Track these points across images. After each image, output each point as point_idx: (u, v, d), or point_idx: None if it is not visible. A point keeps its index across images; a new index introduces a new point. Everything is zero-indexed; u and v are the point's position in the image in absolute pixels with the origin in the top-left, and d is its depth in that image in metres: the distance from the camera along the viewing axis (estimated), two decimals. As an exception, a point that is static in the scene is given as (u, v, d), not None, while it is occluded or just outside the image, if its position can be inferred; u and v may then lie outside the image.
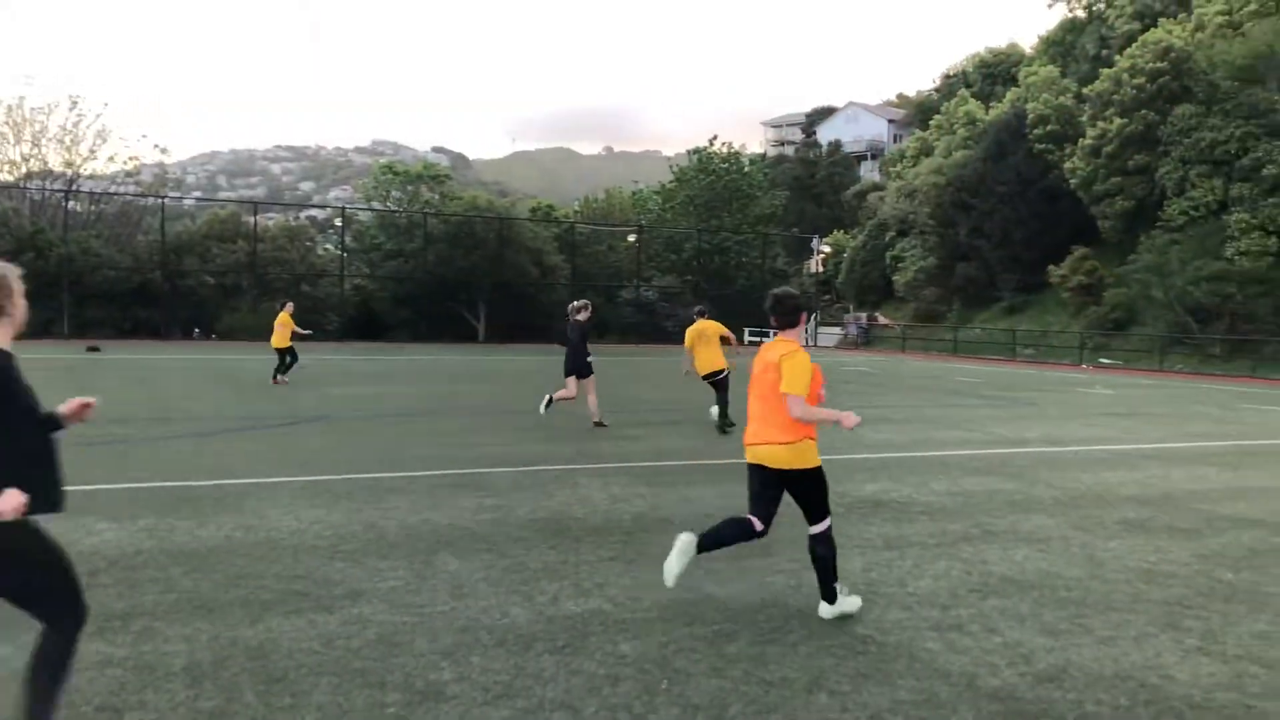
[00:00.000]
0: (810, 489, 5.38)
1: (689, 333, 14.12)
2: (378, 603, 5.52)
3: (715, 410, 14.14)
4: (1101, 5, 57.08)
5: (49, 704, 3.46)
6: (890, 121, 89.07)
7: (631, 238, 58.67)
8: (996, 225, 47.08)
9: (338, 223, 54.20)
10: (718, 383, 14.01)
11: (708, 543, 5.37)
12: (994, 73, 67.31)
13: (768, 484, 5.42)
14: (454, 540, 7.02)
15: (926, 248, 52.50)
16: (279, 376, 19.78)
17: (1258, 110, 36.35)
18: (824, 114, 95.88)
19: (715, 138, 62.87)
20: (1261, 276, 35.18)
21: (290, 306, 21.06)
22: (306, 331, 21.92)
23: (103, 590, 5.57)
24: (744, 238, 59.14)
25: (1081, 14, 59.51)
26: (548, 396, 14.19)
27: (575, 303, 14.48)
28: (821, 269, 60.96)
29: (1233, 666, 4.88)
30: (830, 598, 5.45)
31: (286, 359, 20.03)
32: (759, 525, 5.38)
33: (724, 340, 14.04)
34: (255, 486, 8.87)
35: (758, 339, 54.34)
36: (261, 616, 5.22)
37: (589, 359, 14.06)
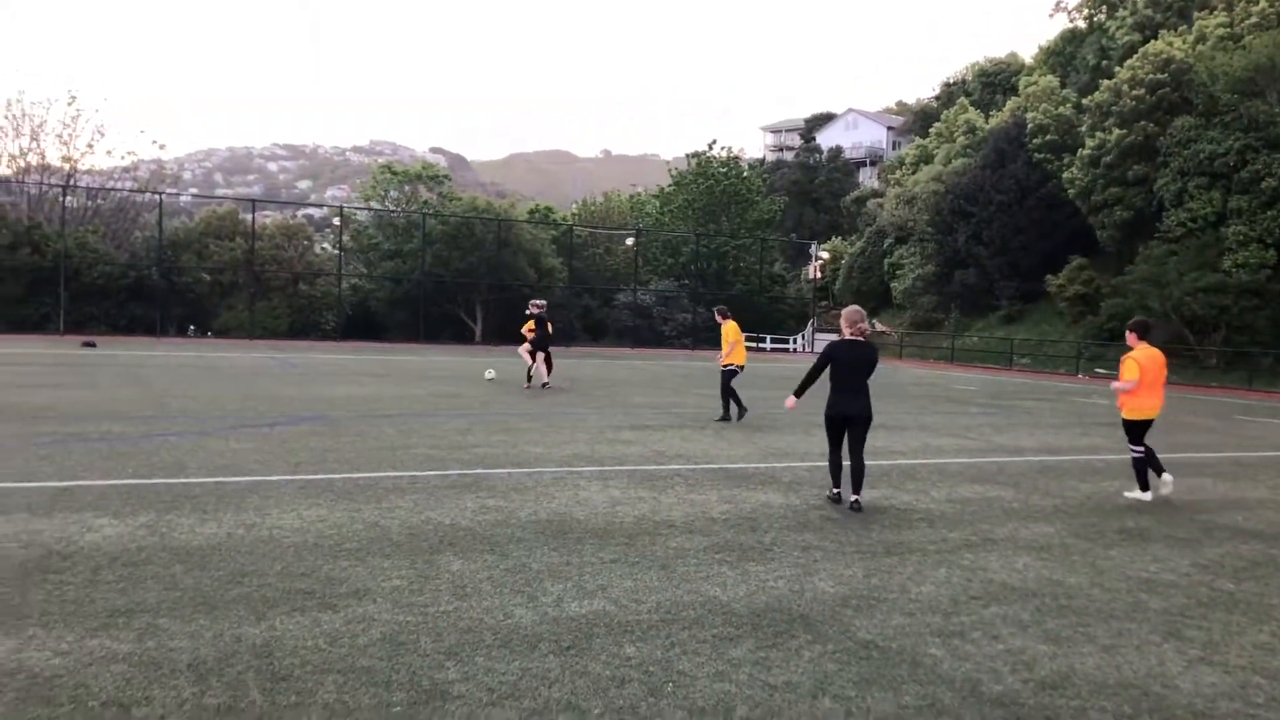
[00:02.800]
0: None
1: (735, 329, 16.12)
2: (382, 601, 5.51)
3: (735, 410, 16.02)
4: (1102, 16, 57.16)
5: None
6: (889, 129, 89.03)
7: (629, 241, 58.72)
8: (995, 233, 47.13)
9: (335, 222, 54.09)
10: (734, 374, 16.03)
11: (1157, 465, 9.98)
12: (994, 82, 67.35)
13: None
14: (456, 540, 7.02)
15: (925, 255, 52.56)
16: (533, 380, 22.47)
17: (1257, 123, 36.37)
18: (823, 120, 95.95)
19: (714, 142, 63.10)
20: (1259, 289, 35.26)
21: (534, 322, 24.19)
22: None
23: (105, 586, 5.58)
24: (742, 243, 59.20)
25: (1082, 25, 59.60)
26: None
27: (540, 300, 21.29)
28: (820, 275, 61.03)
29: (1236, 677, 4.89)
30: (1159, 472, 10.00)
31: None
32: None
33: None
34: (256, 484, 8.86)
35: (750, 345, 54.45)
36: (265, 614, 5.22)
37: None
